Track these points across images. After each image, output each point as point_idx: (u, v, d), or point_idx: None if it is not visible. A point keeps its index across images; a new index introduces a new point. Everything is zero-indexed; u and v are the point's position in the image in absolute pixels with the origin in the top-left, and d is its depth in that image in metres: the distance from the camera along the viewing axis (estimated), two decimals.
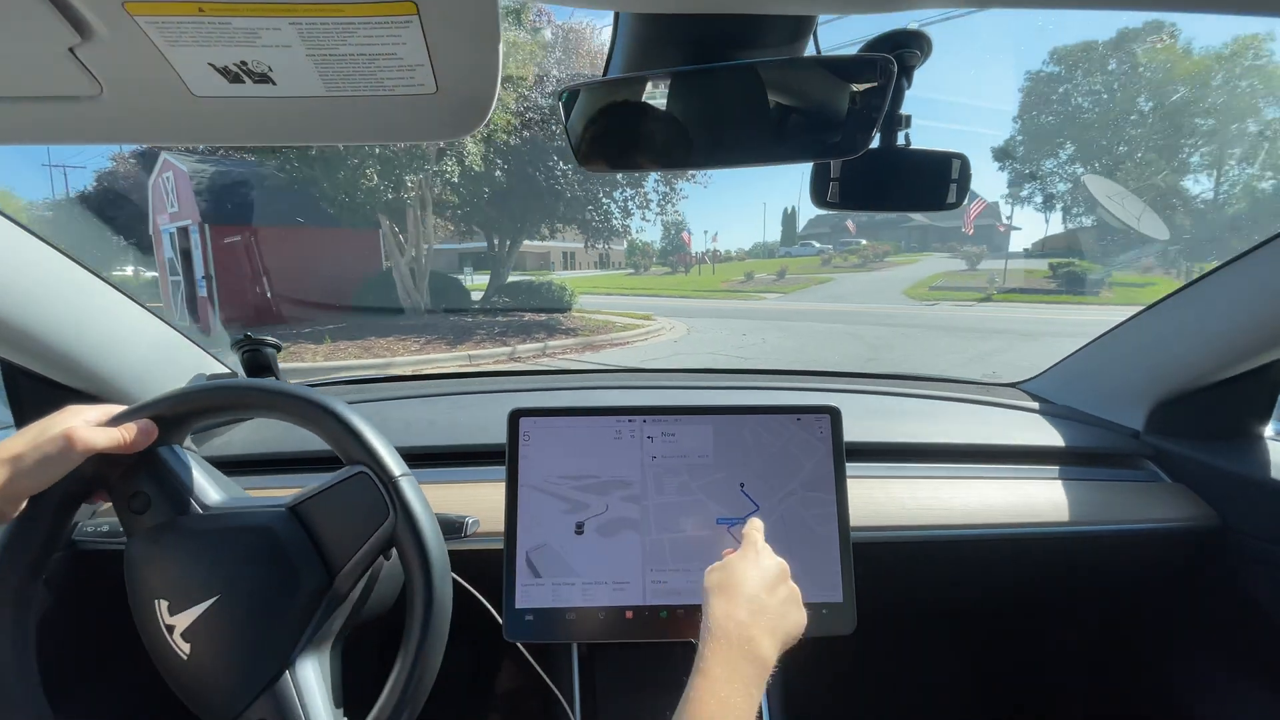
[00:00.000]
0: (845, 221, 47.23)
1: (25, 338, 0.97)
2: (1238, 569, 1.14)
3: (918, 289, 21.29)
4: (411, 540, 0.69)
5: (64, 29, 0.45)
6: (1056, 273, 21.53)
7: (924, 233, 49.55)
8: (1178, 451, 1.24)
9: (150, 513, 0.71)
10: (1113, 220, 21.14)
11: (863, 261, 34.88)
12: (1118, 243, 26.25)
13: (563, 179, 13.90)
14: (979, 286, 21.23)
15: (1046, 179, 31.65)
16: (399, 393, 1.45)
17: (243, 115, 0.58)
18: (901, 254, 40.62)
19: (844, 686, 1.53)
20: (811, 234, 55.35)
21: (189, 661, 0.67)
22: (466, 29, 0.48)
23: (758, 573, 0.72)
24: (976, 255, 29.35)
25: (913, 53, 0.64)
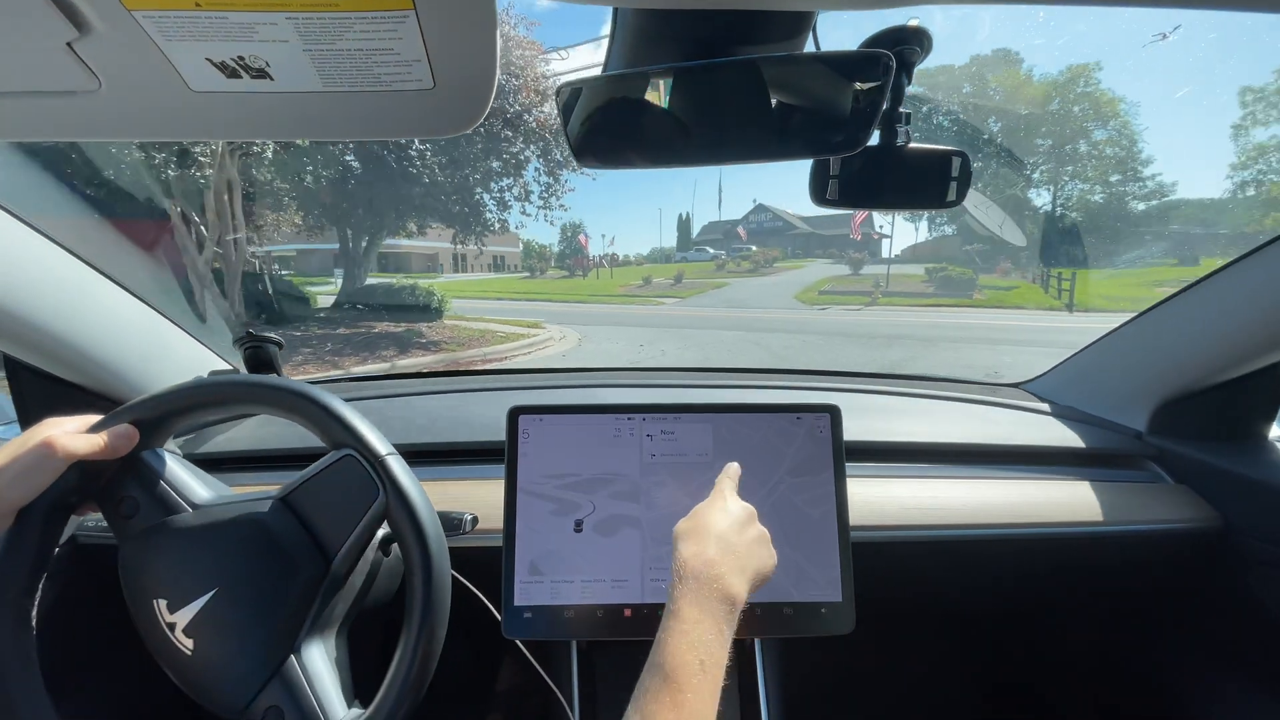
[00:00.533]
0: (737, 228, 48.99)
1: (28, 334, 0.97)
2: (1240, 571, 1.13)
3: (808, 293, 21.96)
4: (404, 515, 0.69)
5: (62, 24, 0.45)
6: (933, 277, 23.34)
7: (808, 240, 51.09)
8: (1181, 452, 1.23)
9: (140, 516, 0.72)
10: (978, 227, 22.79)
11: (755, 267, 36.22)
12: (982, 249, 29.14)
13: (419, 161, 12.07)
14: (865, 291, 22.16)
15: None
16: (398, 390, 1.45)
17: (240, 110, 0.57)
18: (789, 259, 42.46)
19: (843, 688, 1.53)
20: (706, 240, 56.63)
21: (193, 657, 0.67)
22: (463, 24, 0.48)
23: (724, 515, 0.72)
24: (859, 260, 31.25)
25: (913, 49, 0.64)
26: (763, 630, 0.87)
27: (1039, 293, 21.64)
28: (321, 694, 0.67)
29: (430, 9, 0.46)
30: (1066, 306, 18.04)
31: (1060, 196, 31.40)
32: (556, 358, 10.76)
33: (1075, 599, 1.43)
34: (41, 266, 0.96)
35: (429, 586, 0.68)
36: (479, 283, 32.28)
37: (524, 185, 13.33)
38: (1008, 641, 1.63)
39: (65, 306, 1.00)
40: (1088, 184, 30.73)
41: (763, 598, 0.86)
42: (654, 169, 0.70)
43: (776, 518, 0.88)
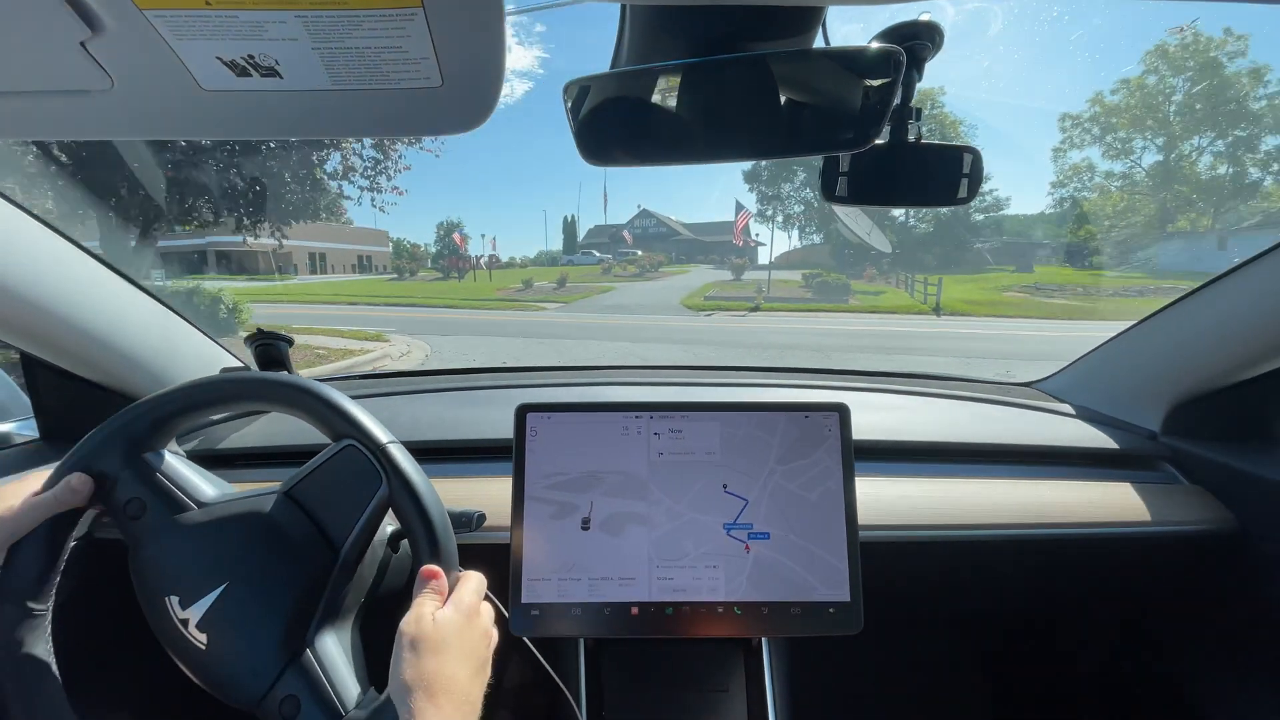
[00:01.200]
0: (622, 232, 48.91)
1: (44, 331, 0.99)
2: (1256, 573, 1.12)
3: (694, 299, 21.81)
4: (408, 501, 0.70)
5: (75, 23, 0.46)
6: (810, 282, 24.12)
7: (691, 245, 52.26)
8: (1196, 453, 1.22)
9: (146, 516, 0.72)
10: (849, 235, 23.54)
11: (640, 271, 36.35)
12: (849, 256, 32.14)
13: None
14: (748, 296, 22.20)
15: (785, 200, 41.24)
16: (407, 388, 1.45)
17: (250, 109, 0.58)
18: (675, 265, 43.32)
19: (851, 689, 1.52)
20: (592, 243, 56.77)
21: (208, 651, 0.68)
22: (471, 23, 0.48)
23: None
24: (740, 266, 32.17)
25: (923, 44, 0.63)
26: (770, 630, 0.87)
27: (905, 297, 22.46)
28: (337, 681, 0.68)
29: (438, 7, 0.46)
30: (933, 310, 18.66)
31: (914, 209, 33.83)
32: None
33: (1088, 600, 1.41)
34: (56, 264, 0.97)
35: (435, 560, 0.69)
36: (335, 285, 29.54)
37: (348, 159, 10.64)
38: (1019, 643, 1.62)
39: (81, 304, 1.01)
40: None
41: (771, 597, 0.86)
42: (662, 166, 0.70)
43: (775, 508, 0.88)
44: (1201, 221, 31.78)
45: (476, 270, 37.20)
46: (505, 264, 47.84)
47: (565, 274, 31.57)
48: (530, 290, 26.86)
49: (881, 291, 24.51)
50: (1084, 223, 33.42)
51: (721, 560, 0.87)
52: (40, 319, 0.97)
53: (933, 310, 18.68)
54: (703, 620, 0.86)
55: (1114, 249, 32.85)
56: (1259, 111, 31.31)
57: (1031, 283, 26.23)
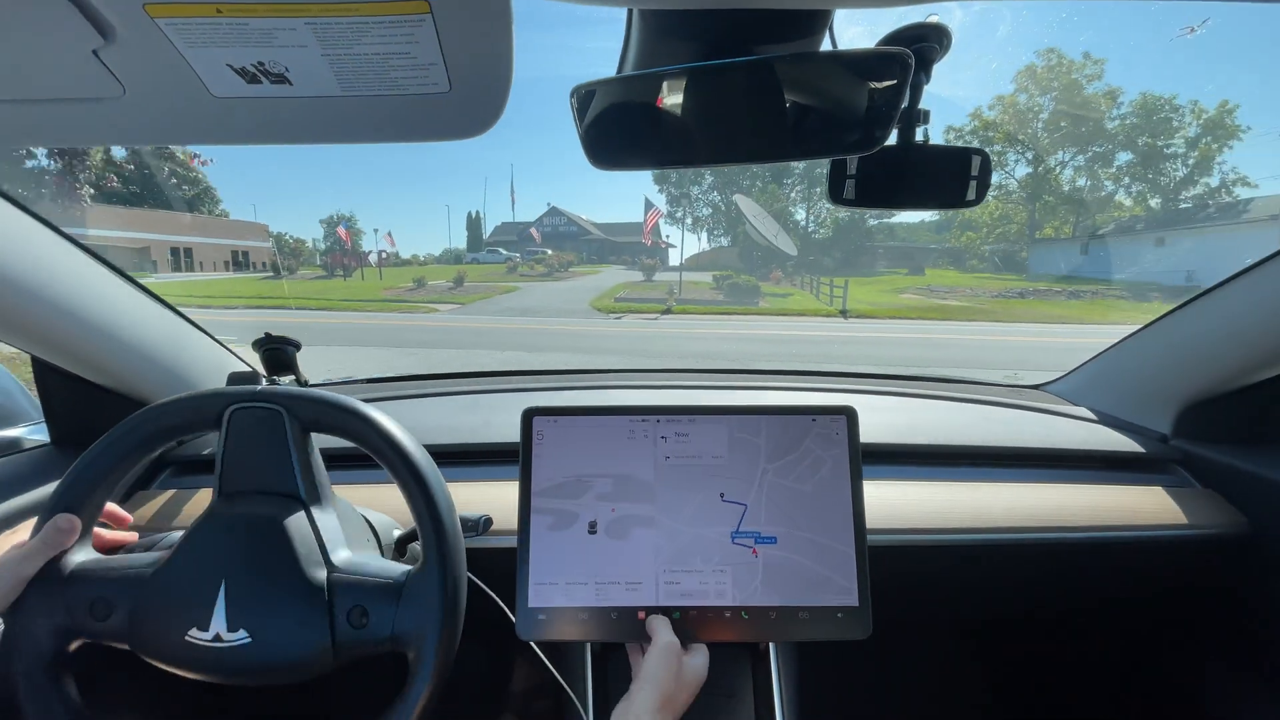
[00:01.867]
0: (530, 230, 47.18)
1: (54, 336, 1.00)
2: (1268, 577, 1.11)
3: (603, 301, 20.72)
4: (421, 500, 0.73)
5: (87, 31, 0.47)
6: (720, 284, 23.65)
7: (602, 245, 50.90)
8: (1207, 456, 1.20)
9: (114, 615, 0.72)
10: (757, 237, 24.03)
11: (549, 270, 34.48)
12: (757, 259, 33.17)
13: None
14: (659, 298, 21.37)
15: (694, 202, 42.78)
16: (413, 391, 1.46)
17: (260, 115, 0.59)
18: (586, 264, 41.70)
19: (860, 694, 1.51)
20: (499, 241, 54.41)
21: (255, 641, 0.69)
22: (479, 28, 0.49)
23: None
24: (651, 267, 30.97)
25: (931, 46, 0.62)
26: (778, 634, 0.86)
27: (813, 300, 22.59)
28: (373, 568, 0.73)
29: (446, 13, 0.46)
30: (841, 313, 18.57)
31: (813, 212, 38.93)
32: None
33: (1098, 605, 1.40)
34: (66, 269, 0.98)
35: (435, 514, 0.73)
36: (190, 285, 24.77)
37: None
38: (1030, 647, 1.60)
39: (91, 309, 1.02)
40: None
41: (780, 600, 0.85)
42: (669, 170, 0.70)
43: (781, 509, 0.87)
44: (1064, 229, 35.06)
45: (365, 268, 34.03)
46: (405, 262, 45.12)
47: (464, 272, 28.86)
48: (422, 290, 24.47)
49: (789, 294, 24.57)
50: (966, 229, 36.53)
51: (729, 564, 0.86)
52: (50, 324, 0.97)
53: (840, 313, 18.61)
54: (710, 625, 0.85)
55: (991, 253, 36.23)
56: (1113, 130, 34.65)
57: (925, 285, 27.39)
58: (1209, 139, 31.43)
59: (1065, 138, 35.00)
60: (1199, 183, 31.82)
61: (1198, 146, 31.70)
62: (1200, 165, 31.67)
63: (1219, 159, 31.51)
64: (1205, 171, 31.60)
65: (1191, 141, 32.02)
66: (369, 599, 0.71)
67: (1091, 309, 19.93)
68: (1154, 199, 33.19)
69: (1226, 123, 31.07)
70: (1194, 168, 31.81)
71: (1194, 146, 31.85)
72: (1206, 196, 31.32)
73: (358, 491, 1.03)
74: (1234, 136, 31.23)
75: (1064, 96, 35.62)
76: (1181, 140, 32.33)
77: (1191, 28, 33.89)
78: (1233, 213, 26.54)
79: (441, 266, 39.81)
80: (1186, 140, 32.18)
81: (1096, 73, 35.56)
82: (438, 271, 32.78)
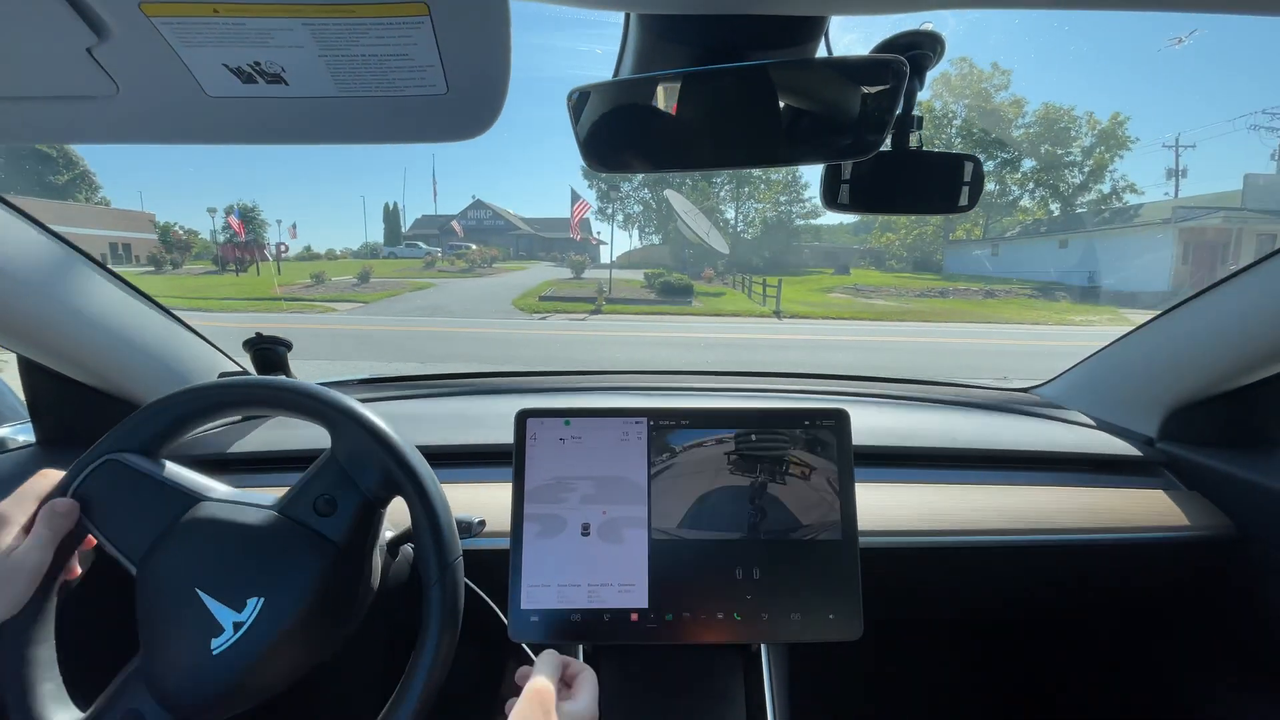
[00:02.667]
0: (452, 223, 45.36)
1: (41, 336, 0.98)
2: (1254, 579, 1.13)
3: (527, 299, 19.60)
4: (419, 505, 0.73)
5: (82, 30, 0.46)
6: (652, 283, 22.94)
7: (531, 241, 49.54)
8: (1193, 459, 1.22)
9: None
10: (689, 234, 23.27)
11: (471, 266, 32.41)
12: (689, 257, 33.32)
13: None
14: (588, 297, 20.37)
15: (625, 199, 42.46)
16: (407, 391, 1.45)
17: (256, 115, 0.58)
18: (513, 260, 40.30)
19: (851, 697, 1.52)
20: (420, 234, 51.38)
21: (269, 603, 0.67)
22: (476, 30, 0.49)
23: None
24: (581, 264, 29.12)
25: (925, 54, 0.64)
26: (770, 636, 0.87)
27: (746, 300, 22.17)
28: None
29: (444, 14, 0.46)
30: (775, 314, 18.09)
31: (741, 212, 39.65)
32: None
33: (1086, 607, 1.42)
34: (54, 268, 0.96)
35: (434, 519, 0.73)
36: None
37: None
38: (1018, 650, 1.62)
39: (79, 308, 1.00)
40: (762, 203, 39.50)
41: (771, 603, 0.86)
42: (665, 174, 0.70)
43: (773, 513, 0.88)
44: (975, 231, 36.62)
45: (260, 263, 30.54)
46: (315, 256, 41.92)
47: (370, 268, 26.74)
48: (321, 287, 22.32)
49: (722, 293, 24.21)
50: (886, 230, 37.70)
51: (721, 566, 0.87)
52: (38, 323, 0.96)
53: (773, 313, 18.10)
54: (702, 627, 0.85)
55: (910, 254, 37.38)
56: (1019, 138, 36.10)
57: (852, 284, 27.63)
58: (1102, 148, 33.55)
59: (977, 144, 36.02)
60: (1093, 189, 34.25)
61: (1092, 155, 33.80)
62: (1094, 173, 33.83)
63: (1111, 167, 33.85)
64: (1099, 179, 33.93)
65: (1087, 150, 34.16)
66: (324, 488, 0.72)
67: (1006, 307, 20.36)
68: (1054, 204, 35.18)
69: (1118, 134, 33.20)
70: (1089, 175, 33.95)
71: (1089, 155, 33.96)
72: (1100, 202, 33.93)
73: None
74: (1124, 147, 33.52)
75: (975, 104, 36.98)
76: (1078, 149, 34.53)
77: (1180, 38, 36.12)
78: (1125, 217, 28.24)
79: (357, 261, 36.48)
80: (1082, 149, 34.37)
81: (1004, 82, 37.23)
82: (346, 267, 29.55)
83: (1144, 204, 29.94)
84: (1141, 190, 34.52)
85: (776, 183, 37.91)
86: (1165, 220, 22.87)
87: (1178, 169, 34.59)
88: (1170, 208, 24.59)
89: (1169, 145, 35.03)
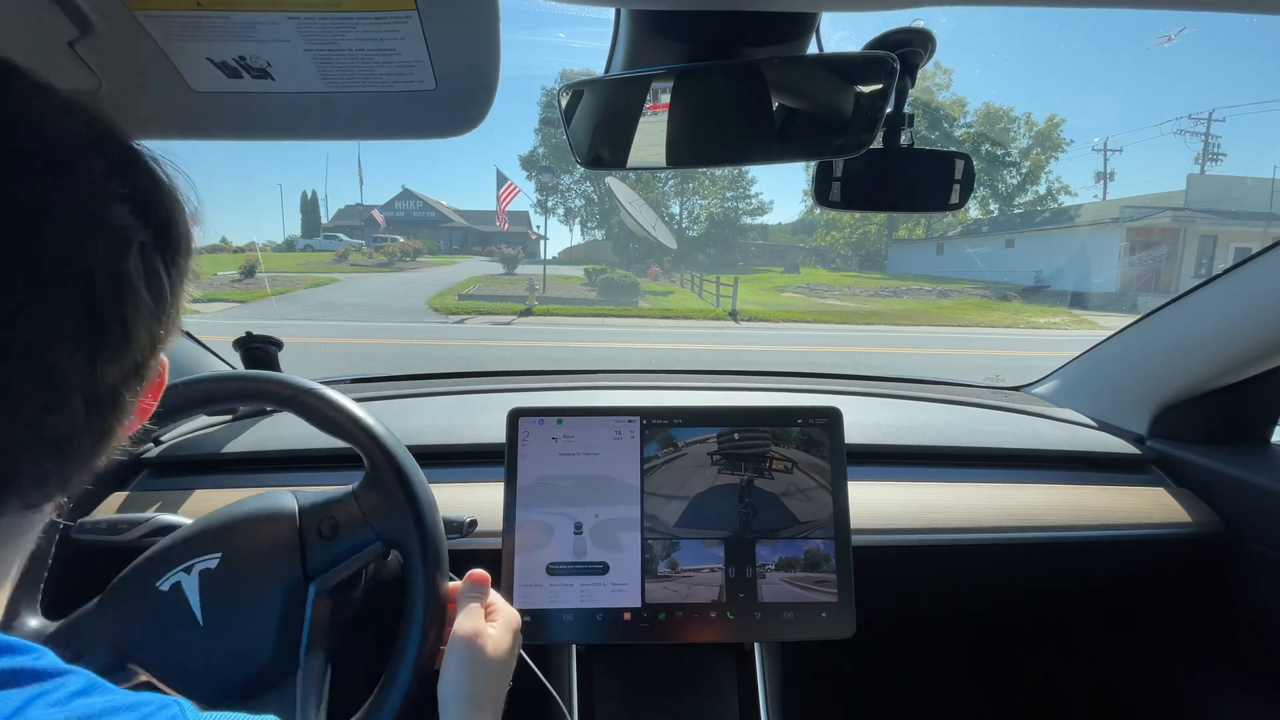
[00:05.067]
0: (373, 212, 42.47)
1: None
2: (1242, 575, 1.14)
3: (445, 298, 17.52)
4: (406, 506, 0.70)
5: (63, 23, 0.45)
6: (594, 280, 21.51)
7: (465, 234, 47.07)
8: (1183, 457, 1.24)
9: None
10: (634, 226, 21.60)
11: (390, 260, 29.49)
12: (635, 252, 33.08)
13: None
14: (518, 296, 18.21)
15: (566, 193, 41.42)
16: (399, 391, 1.43)
17: (241, 110, 0.57)
18: (441, 255, 37.25)
19: (844, 694, 1.53)
20: (342, 225, 47.62)
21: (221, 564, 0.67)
22: (465, 26, 0.48)
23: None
24: (513, 258, 26.36)
25: (916, 51, 0.64)
26: (763, 634, 0.87)
27: (696, 299, 20.87)
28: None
29: (433, 10, 0.46)
30: (730, 315, 16.61)
31: (686, 208, 39.47)
32: None
33: (1077, 603, 1.44)
34: None
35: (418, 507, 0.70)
36: None
37: None
38: (1009, 646, 1.64)
39: None
40: (708, 199, 39.18)
41: (763, 601, 0.86)
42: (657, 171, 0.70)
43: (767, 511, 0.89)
44: (916, 231, 36.92)
45: None
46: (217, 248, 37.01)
47: (256, 261, 23.43)
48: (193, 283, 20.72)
49: (670, 291, 23.04)
50: (831, 229, 38.17)
51: (713, 565, 0.87)
52: None
53: (729, 314, 16.61)
54: (695, 625, 0.86)
55: (854, 253, 37.75)
56: (960, 138, 36.35)
57: (804, 283, 26.91)
58: (1039, 150, 34.43)
59: (920, 142, 36.87)
60: (1030, 190, 35.13)
61: (1029, 156, 34.62)
62: (1031, 174, 34.66)
63: (1047, 169, 34.61)
64: (1035, 180, 34.88)
65: (1024, 151, 34.98)
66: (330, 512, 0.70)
67: (962, 308, 19.67)
68: (993, 204, 35.61)
69: (1054, 136, 34.06)
70: (1026, 176, 34.74)
71: (1026, 156, 34.77)
72: (1036, 203, 34.87)
73: None
74: (1059, 149, 34.49)
75: (917, 102, 37.87)
76: (1016, 150, 35.27)
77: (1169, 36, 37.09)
78: (1066, 217, 28.58)
79: (281, 255, 34.62)
80: (1020, 150, 35.15)
81: (945, 82, 38.00)
82: (224, 261, 24.82)
83: (1084, 204, 30.28)
84: (1075, 192, 35.70)
85: (722, 178, 37.49)
86: (1114, 220, 22.89)
87: (1105, 171, 35.53)
88: (1118, 207, 24.61)
89: (1098, 149, 36.04)
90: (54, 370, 0.30)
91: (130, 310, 0.33)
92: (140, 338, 0.34)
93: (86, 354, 0.31)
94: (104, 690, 0.32)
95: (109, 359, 0.32)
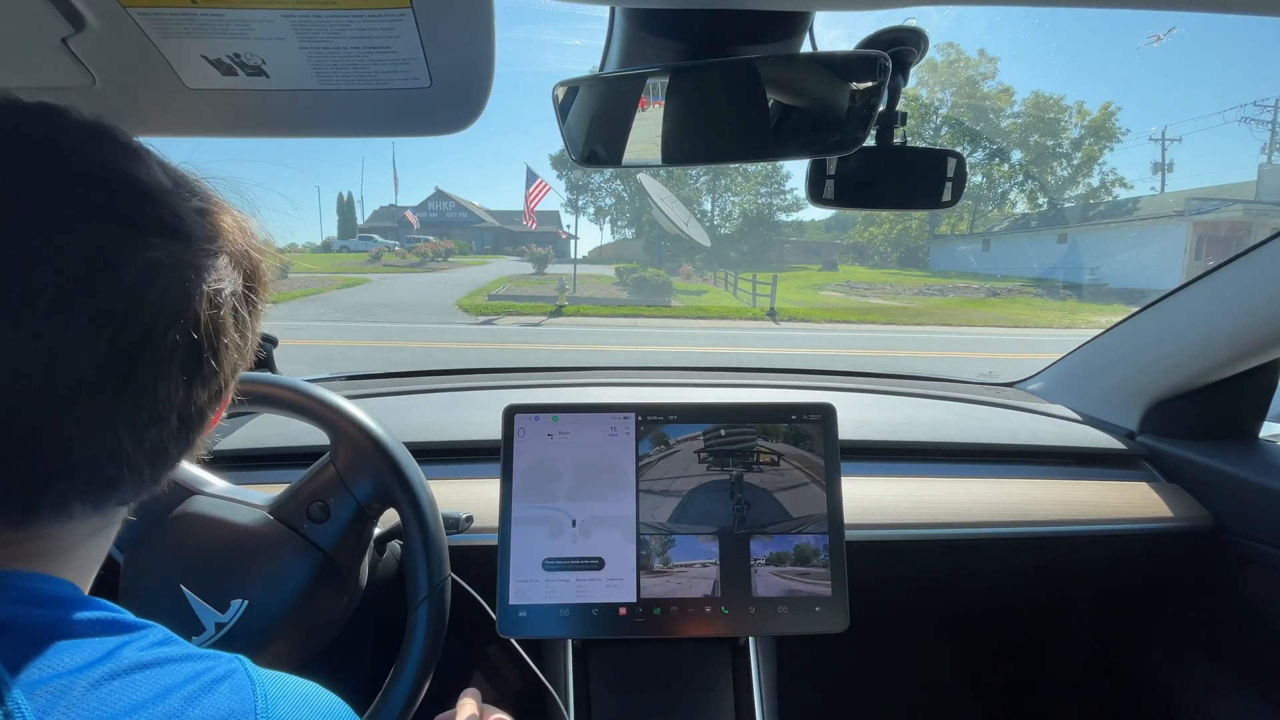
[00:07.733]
0: (405, 213, 43.01)
1: None
2: (1231, 569, 1.15)
3: (475, 298, 17.42)
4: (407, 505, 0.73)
5: (57, 20, 0.45)
6: (625, 279, 21.30)
7: (497, 234, 47.37)
8: (1173, 452, 1.24)
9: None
10: (665, 224, 20.94)
11: (421, 260, 30.43)
12: (666, 250, 32.51)
13: None
14: (548, 296, 17.96)
15: (597, 191, 42.00)
16: (393, 388, 1.44)
17: (235, 107, 0.58)
18: (472, 255, 38.13)
19: (838, 688, 1.54)
20: (377, 227, 49.01)
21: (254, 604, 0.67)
22: (460, 24, 0.49)
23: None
24: (543, 257, 26.44)
25: (909, 50, 0.64)
26: (758, 629, 0.88)
27: (730, 298, 20.40)
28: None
29: (427, 7, 0.46)
30: (769, 314, 16.23)
31: (719, 204, 39.23)
32: None
33: (1067, 597, 1.44)
34: None
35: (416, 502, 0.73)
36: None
37: None
38: (1001, 640, 1.64)
39: None
40: (740, 196, 38.45)
41: (758, 596, 0.86)
42: (650, 169, 0.71)
43: (762, 507, 0.89)
44: (960, 226, 35.74)
45: None
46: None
47: (289, 262, 21.03)
48: None
49: (704, 291, 22.70)
50: (870, 225, 36.87)
51: (708, 560, 0.87)
52: None
53: (766, 314, 16.20)
54: (690, 620, 0.86)
55: (894, 250, 36.53)
56: (1007, 128, 35.66)
57: (843, 281, 26.51)
58: (1091, 140, 32.98)
59: (964, 133, 35.29)
60: (1081, 183, 33.82)
61: (1081, 147, 33.20)
62: (1083, 166, 33.26)
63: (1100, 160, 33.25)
64: (1087, 172, 33.52)
65: (1076, 142, 33.55)
66: (319, 493, 0.72)
67: (1014, 307, 18.73)
68: (1042, 197, 34.51)
69: (1108, 125, 32.63)
70: (1078, 168, 33.37)
71: (1078, 147, 33.35)
72: (1089, 196, 33.40)
73: None
74: (1114, 139, 33.01)
75: (962, 92, 36.28)
76: (1067, 141, 33.88)
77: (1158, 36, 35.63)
78: (1124, 211, 27.47)
79: (316, 255, 36.01)
80: (1071, 141, 33.72)
81: (991, 71, 36.60)
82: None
83: (1142, 197, 29.30)
84: (1130, 184, 34.16)
85: (755, 174, 36.91)
86: (1179, 213, 21.86)
87: (1164, 162, 33.96)
88: (1182, 200, 23.72)
89: (1155, 139, 34.31)
90: (160, 397, 0.36)
91: (222, 349, 0.40)
92: (226, 369, 0.41)
93: (185, 384, 0.38)
94: (179, 643, 0.38)
95: (202, 387, 0.39)
